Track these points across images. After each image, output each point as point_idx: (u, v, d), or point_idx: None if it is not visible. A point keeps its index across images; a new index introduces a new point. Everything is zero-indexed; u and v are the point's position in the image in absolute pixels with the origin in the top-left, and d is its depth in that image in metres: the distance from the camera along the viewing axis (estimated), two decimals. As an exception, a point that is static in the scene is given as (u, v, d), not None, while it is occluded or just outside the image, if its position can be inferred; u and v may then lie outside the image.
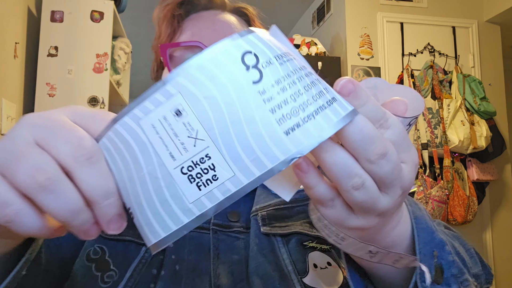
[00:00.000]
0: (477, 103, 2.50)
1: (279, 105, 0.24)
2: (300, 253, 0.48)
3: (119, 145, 0.25)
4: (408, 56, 2.79)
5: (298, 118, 0.24)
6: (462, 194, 2.38)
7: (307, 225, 0.51)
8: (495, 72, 2.91)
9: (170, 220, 0.25)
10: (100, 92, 1.98)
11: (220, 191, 0.24)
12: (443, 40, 2.85)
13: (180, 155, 0.24)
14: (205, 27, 0.57)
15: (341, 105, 0.25)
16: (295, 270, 0.46)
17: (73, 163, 0.25)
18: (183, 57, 0.56)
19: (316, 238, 0.50)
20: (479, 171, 2.55)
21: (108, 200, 0.25)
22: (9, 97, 1.78)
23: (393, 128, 0.28)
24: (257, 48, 0.25)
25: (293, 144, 0.24)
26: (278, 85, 0.24)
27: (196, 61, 0.24)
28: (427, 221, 0.39)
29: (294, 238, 0.49)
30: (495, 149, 2.59)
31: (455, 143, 2.41)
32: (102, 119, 0.27)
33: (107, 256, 0.48)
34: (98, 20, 2.02)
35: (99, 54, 2.00)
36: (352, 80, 0.27)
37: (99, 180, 0.25)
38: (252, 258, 0.47)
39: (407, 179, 0.28)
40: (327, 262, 0.48)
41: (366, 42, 2.80)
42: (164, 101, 0.24)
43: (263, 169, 0.24)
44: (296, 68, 0.26)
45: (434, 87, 2.56)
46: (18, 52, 1.86)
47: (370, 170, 0.26)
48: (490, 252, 2.75)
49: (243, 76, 0.24)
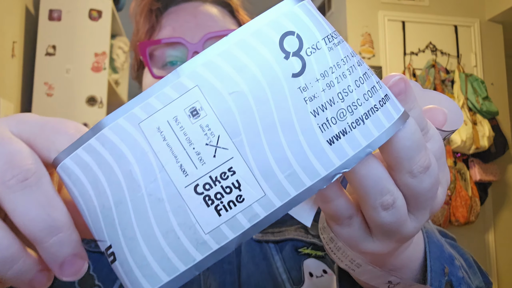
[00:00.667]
0: (479, 103, 2.48)
1: (324, 106, 0.19)
2: (295, 261, 0.46)
3: (106, 156, 0.19)
4: (410, 55, 2.77)
5: (345, 123, 0.19)
6: (465, 195, 2.36)
7: (302, 230, 0.48)
8: (497, 72, 2.89)
9: (177, 258, 0.19)
10: (99, 91, 1.96)
11: (246, 216, 0.19)
12: (445, 39, 2.83)
13: (195, 169, 0.19)
14: (186, 21, 0.52)
15: (393, 105, 0.21)
16: (290, 279, 0.44)
17: (1, 188, 0.18)
18: (164, 55, 0.52)
19: (311, 244, 0.47)
20: (481, 172, 2.53)
21: (56, 237, 0.19)
22: (6, 97, 1.76)
23: (434, 140, 0.24)
24: (303, 27, 0.19)
25: (338, 156, 0.19)
26: (324, 79, 0.19)
27: (221, 46, 0.19)
28: (435, 234, 0.37)
29: (288, 245, 0.47)
30: (498, 149, 2.57)
31: (458, 143, 2.39)
32: (54, 128, 0.21)
33: (91, 271, 0.45)
34: (96, 19, 2.00)
35: (98, 53, 1.98)
36: (404, 78, 0.23)
37: (38, 210, 0.18)
38: (243, 267, 0.45)
39: (438, 202, 0.25)
40: (323, 269, 0.46)
41: (367, 41, 2.77)
42: (176, 97, 0.19)
43: (300, 187, 0.19)
44: (348, 55, 0.20)
45: (436, 86, 2.53)
46: (16, 51, 1.85)
47: (407, 185, 0.23)
48: (492, 253, 2.73)
49: (281, 66, 0.19)
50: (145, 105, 0.19)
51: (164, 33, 0.53)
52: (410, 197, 0.23)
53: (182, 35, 0.51)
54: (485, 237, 2.75)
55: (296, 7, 0.19)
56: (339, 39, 0.20)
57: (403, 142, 0.21)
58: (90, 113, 1.94)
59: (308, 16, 0.19)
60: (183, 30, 0.52)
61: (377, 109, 0.20)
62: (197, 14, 0.53)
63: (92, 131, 0.19)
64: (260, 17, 0.19)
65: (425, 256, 0.34)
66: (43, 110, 1.91)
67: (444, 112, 0.25)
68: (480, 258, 2.72)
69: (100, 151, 0.19)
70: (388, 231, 0.24)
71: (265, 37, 0.19)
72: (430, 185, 0.23)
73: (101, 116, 1.95)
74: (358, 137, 0.19)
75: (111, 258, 0.19)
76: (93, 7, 2.00)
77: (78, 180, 0.19)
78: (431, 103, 0.26)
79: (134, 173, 0.19)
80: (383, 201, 0.22)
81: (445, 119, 0.25)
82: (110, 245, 0.19)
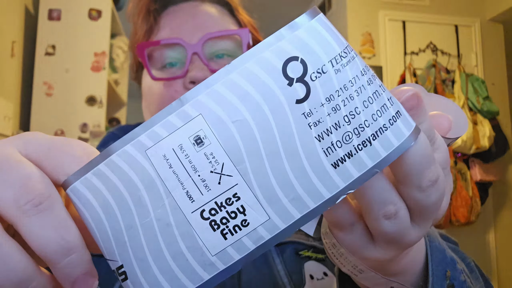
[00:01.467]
0: (480, 103, 2.48)
1: (329, 130, 0.19)
2: (296, 263, 0.46)
3: (115, 182, 0.20)
4: (410, 55, 2.76)
5: (351, 145, 0.19)
6: (465, 195, 2.36)
7: (302, 233, 0.48)
8: (498, 71, 2.88)
9: (186, 278, 0.20)
10: (98, 91, 1.96)
11: (251, 239, 0.20)
12: (445, 38, 2.82)
13: (201, 195, 0.20)
14: (185, 21, 0.52)
15: (405, 122, 0.20)
16: (291, 282, 0.44)
17: (16, 213, 0.19)
18: (163, 56, 0.52)
19: (312, 247, 0.47)
20: (482, 172, 2.52)
21: (69, 258, 0.20)
22: (6, 97, 1.76)
23: (440, 151, 0.23)
24: (307, 51, 0.19)
25: (342, 179, 0.19)
26: (330, 103, 0.19)
27: (224, 74, 0.19)
28: (437, 237, 0.36)
29: (289, 248, 0.47)
30: (498, 149, 2.56)
31: (458, 143, 2.38)
32: (61, 150, 0.21)
33: None
34: (96, 18, 2.00)
35: (97, 53, 1.98)
36: (417, 94, 0.22)
37: (52, 233, 0.19)
38: (244, 271, 0.44)
39: (442, 211, 0.25)
40: (323, 272, 0.45)
41: (367, 40, 2.77)
42: (180, 125, 0.19)
43: (304, 209, 0.19)
44: (358, 74, 0.20)
45: (436, 86, 2.53)
46: (15, 51, 1.85)
47: (414, 199, 0.22)
48: (493, 253, 2.73)
49: (284, 93, 0.19)
50: (151, 133, 0.20)
51: (162, 34, 0.52)
52: (416, 209, 0.23)
53: (181, 35, 0.51)
54: (486, 237, 2.75)
55: (301, 31, 0.19)
56: (349, 58, 0.20)
57: (414, 158, 0.21)
58: (90, 113, 1.94)
59: (314, 38, 0.19)
60: (182, 30, 0.51)
61: (386, 129, 0.20)
62: (196, 14, 0.53)
63: (101, 157, 0.20)
64: (263, 43, 0.19)
65: (427, 260, 0.34)
66: (42, 109, 1.90)
67: (449, 119, 0.25)
68: (481, 257, 2.72)
69: (110, 177, 0.20)
70: (390, 240, 0.24)
71: (268, 64, 0.19)
72: (437, 199, 0.22)
73: (101, 116, 1.95)
74: (364, 159, 0.19)
75: (122, 277, 0.21)
76: (92, 7, 2.00)
77: (89, 203, 0.20)
78: (435, 109, 0.25)
79: (143, 199, 0.20)
80: (385, 211, 0.22)
81: (450, 126, 0.25)
82: (121, 265, 0.20)
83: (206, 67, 0.50)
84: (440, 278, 0.34)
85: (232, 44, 0.53)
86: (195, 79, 0.49)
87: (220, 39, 0.51)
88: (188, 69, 0.50)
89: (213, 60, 0.52)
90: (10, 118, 1.78)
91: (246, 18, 0.58)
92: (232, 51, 0.53)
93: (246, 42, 0.52)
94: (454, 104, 0.26)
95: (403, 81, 2.62)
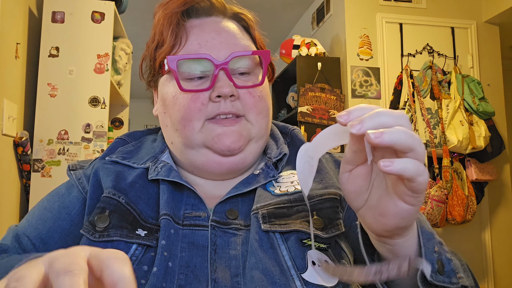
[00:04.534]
0: (476, 103, 2.51)
1: None
2: (299, 250, 0.49)
3: None
4: (407, 57, 2.80)
5: None
6: (461, 194, 2.39)
7: (306, 223, 0.52)
8: (494, 73, 2.92)
9: None
10: (101, 92, 1.99)
11: None
12: (442, 40, 2.86)
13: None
14: (211, 38, 0.57)
15: None
16: (295, 265, 0.48)
17: None
18: (191, 68, 0.56)
19: (315, 237, 0.51)
20: (478, 171, 2.56)
21: None
22: (10, 98, 1.79)
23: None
24: None
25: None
26: None
27: None
28: (428, 226, 0.45)
29: (293, 236, 0.50)
30: (494, 149, 2.60)
31: (454, 143, 2.42)
32: (113, 264, 0.27)
33: None
34: (99, 21, 2.03)
35: (100, 55, 2.01)
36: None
37: None
38: (252, 253, 0.48)
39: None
40: (325, 260, 0.49)
41: (365, 42, 2.81)
42: None
43: None
44: None
45: (433, 87, 2.57)
46: (20, 53, 1.87)
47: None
48: (489, 251, 2.76)
49: None
50: None
51: (190, 48, 0.57)
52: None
53: (208, 51, 0.56)
54: (482, 236, 2.78)
55: None
56: None
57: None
58: (93, 114, 1.97)
59: None
60: (209, 46, 0.56)
61: None
62: (220, 31, 0.58)
63: None
64: None
65: (419, 243, 0.41)
66: (46, 110, 1.93)
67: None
68: (477, 256, 2.75)
69: None
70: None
71: None
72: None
73: (104, 116, 1.98)
74: None
75: None
76: (95, 9, 2.03)
77: None
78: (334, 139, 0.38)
79: None
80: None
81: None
82: None
83: (232, 83, 0.55)
84: (431, 251, 0.40)
85: (252, 62, 0.58)
86: (222, 94, 0.54)
87: (243, 57, 0.57)
88: (215, 83, 0.54)
89: (235, 76, 0.57)
90: (15, 119, 1.81)
91: (258, 36, 0.63)
92: (252, 68, 0.58)
93: (267, 62, 0.58)
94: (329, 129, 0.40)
95: (400, 82, 2.66)
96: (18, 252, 0.56)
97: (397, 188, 0.36)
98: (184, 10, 0.59)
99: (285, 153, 0.61)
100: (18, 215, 1.87)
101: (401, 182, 0.35)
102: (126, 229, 0.51)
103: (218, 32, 0.57)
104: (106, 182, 0.57)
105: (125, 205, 0.53)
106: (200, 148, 0.56)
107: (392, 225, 0.38)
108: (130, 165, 0.59)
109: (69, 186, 0.61)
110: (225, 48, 0.56)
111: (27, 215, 0.61)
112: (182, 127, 0.55)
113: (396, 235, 0.40)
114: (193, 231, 0.52)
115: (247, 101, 0.56)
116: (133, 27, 3.27)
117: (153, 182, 0.57)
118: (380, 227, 0.39)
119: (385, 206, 0.38)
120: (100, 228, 0.51)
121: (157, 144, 0.64)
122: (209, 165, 0.57)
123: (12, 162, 1.82)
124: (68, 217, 0.58)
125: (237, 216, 0.54)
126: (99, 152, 1.95)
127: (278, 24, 3.93)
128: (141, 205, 0.54)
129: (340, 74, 2.81)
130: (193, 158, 0.57)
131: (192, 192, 0.56)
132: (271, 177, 0.57)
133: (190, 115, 0.55)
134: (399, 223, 0.38)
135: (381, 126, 0.33)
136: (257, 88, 0.57)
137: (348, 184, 0.40)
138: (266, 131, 0.59)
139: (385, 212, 0.38)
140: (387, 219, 0.38)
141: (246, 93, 0.56)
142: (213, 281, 0.47)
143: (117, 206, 0.53)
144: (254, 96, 0.56)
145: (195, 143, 0.55)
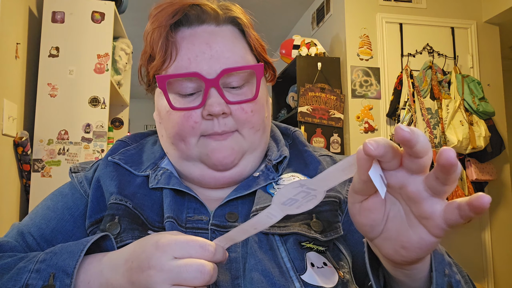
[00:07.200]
0: (475, 103, 2.51)
1: None
2: (298, 252, 0.50)
3: None
4: (407, 57, 2.80)
5: None
6: (461, 194, 2.39)
7: (305, 226, 0.52)
8: (493, 73, 2.92)
9: None
10: (101, 92, 1.99)
11: None
12: (442, 40, 2.86)
13: None
14: (202, 52, 0.54)
15: None
16: (294, 267, 0.48)
17: None
18: (181, 86, 0.55)
19: (313, 240, 0.51)
20: (478, 171, 2.56)
21: None
22: (10, 98, 1.79)
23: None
24: None
25: None
26: None
27: None
28: (438, 246, 0.44)
29: (292, 238, 0.51)
30: (494, 149, 2.60)
31: (454, 143, 2.42)
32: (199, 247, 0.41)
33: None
34: (99, 21, 2.03)
35: (100, 55, 2.01)
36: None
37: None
38: (251, 255, 0.49)
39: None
40: (323, 262, 0.50)
41: (365, 42, 2.81)
42: None
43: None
44: None
45: (433, 87, 2.57)
46: (20, 53, 1.87)
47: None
48: (489, 251, 2.77)
49: None
50: None
51: (180, 63, 0.54)
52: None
53: (199, 67, 0.54)
54: (482, 235, 2.79)
55: None
56: None
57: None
58: (93, 114, 1.97)
59: None
60: (199, 61, 0.54)
61: None
62: (211, 43, 0.55)
63: None
64: None
65: (430, 265, 0.41)
66: (46, 110, 1.93)
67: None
68: (477, 255, 2.75)
69: None
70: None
71: None
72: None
73: (104, 116, 1.98)
74: None
75: None
76: (95, 9, 2.03)
77: None
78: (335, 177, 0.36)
79: None
80: None
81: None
82: None
83: (223, 101, 0.53)
84: (441, 274, 0.40)
85: (245, 74, 0.56)
86: (212, 113, 0.52)
87: (234, 71, 0.54)
88: (206, 100, 0.53)
89: (228, 90, 0.55)
90: (15, 119, 1.81)
91: (255, 40, 0.60)
92: (246, 80, 0.56)
93: (260, 76, 0.55)
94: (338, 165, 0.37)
95: (400, 82, 2.66)
96: (24, 250, 0.56)
97: (427, 220, 0.34)
98: (174, 23, 0.56)
99: (286, 156, 0.60)
100: (18, 215, 1.87)
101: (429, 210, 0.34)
102: (137, 230, 0.52)
103: (209, 44, 0.55)
104: (110, 186, 0.57)
105: (133, 209, 0.54)
106: (196, 162, 0.56)
107: (415, 257, 0.37)
108: (132, 171, 0.59)
109: (72, 187, 0.62)
110: (216, 62, 0.54)
111: (30, 213, 0.61)
112: (178, 142, 0.55)
113: (415, 263, 0.39)
114: (195, 234, 0.52)
115: (239, 117, 0.54)
116: (133, 27, 3.27)
117: (154, 188, 0.57)
118: (400, 259, 0.38)
119: (407, 239, 0.36)
120: (114, 235, 0.51)
121: (157, 149, 0.64)
122: (205, 179, 0.57)
123: (12, 162, 1.82)
124: (71, 219, 0.59)
125: (237, 219, 0.54)
126: (99, 152, 1.95)
127: (278, 24, 3.93)
128: (146, 212, 0.55)
129: (340, 74, 2.81)
130: (189, 170, 0.57)
131: (193, 196, 0.56)
132: (271, 179, 0.57)
133: (184, 132, 0.54)
134: (422, 255, 0.37)
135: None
136: (250, 102, 0.55)
137: (360, 217, 0.38)
138: (259, 143, 0.58)
139: (408, 246, 0.36)
140: (409, 252, 0.36)
141: (238, 109, 0.54)
142: (213, 284, 0.47)
143: (125, 211, 0.53)
144: (247, 111, 0.55)
145: (191, 156, 0.56)
